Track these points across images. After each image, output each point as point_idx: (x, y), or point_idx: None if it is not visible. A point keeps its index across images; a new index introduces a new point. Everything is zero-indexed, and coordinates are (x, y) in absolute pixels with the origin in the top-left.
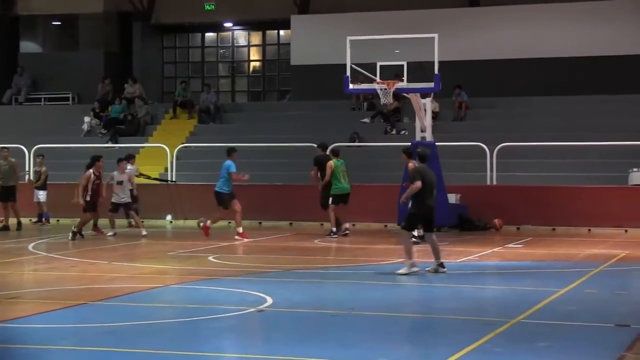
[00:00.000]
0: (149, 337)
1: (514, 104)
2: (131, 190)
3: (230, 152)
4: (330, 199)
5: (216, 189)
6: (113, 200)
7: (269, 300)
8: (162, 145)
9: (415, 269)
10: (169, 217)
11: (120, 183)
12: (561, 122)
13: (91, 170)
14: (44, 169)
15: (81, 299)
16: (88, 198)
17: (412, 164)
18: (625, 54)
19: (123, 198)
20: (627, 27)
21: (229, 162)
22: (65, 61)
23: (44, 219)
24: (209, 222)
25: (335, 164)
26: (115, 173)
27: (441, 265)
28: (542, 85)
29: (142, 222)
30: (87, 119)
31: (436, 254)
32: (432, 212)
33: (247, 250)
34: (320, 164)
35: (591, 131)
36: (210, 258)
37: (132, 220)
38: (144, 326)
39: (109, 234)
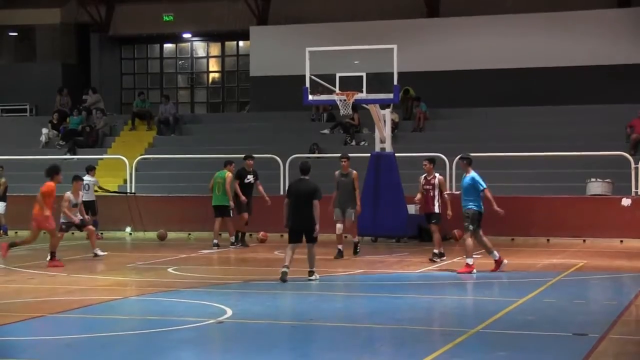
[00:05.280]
0: (108, 350)
1: (472, 115)
2: (92, 202)
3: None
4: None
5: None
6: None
7: (229, 312)
8: (121, 156)
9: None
10: (128, 229)
11: (75, 205)
12: (519, 133)
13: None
14: (3, 180)
15: (39, 311)
16: None
17: None
18: (583, 65)
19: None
20: (583, 38)
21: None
22: (22, 73)
23: (1, 231)
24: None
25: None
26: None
27: (310, 273)
28: (500, 96)
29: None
30: (45, 130)
31: (310, 261)
32: (304, 224)
33: (206, 261)
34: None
35: (549, 141)
36: (170, 270)
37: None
38: (103, 338)
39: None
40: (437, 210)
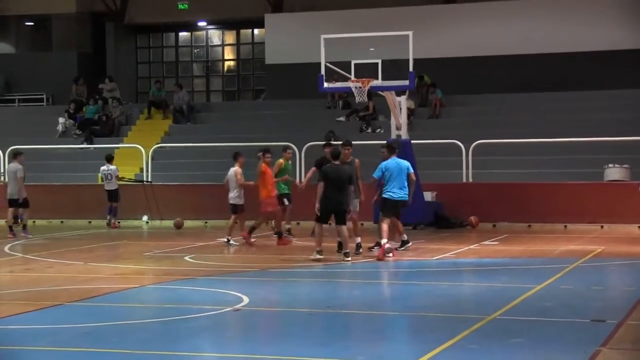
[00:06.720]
0: (126, 338)
1: (488, 101)
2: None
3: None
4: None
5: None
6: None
7: (245, 300)
8: (137, 145)
9: (318, 256)
10: (145, 218)
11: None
12: (536, 119)
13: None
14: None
15: (57, 299)
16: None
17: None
18: (601, 50)
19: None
20: (602, 24)
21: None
22: (38, 62)
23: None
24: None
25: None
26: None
27: (346, 255)
28: (517, 82)
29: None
30: (61, 119)
31: (344, 243)
32: (339, 207)
33: (223, 250)
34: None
35: (566, 128)
36: (187, 258)
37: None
38: (121, 326)
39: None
40: None
